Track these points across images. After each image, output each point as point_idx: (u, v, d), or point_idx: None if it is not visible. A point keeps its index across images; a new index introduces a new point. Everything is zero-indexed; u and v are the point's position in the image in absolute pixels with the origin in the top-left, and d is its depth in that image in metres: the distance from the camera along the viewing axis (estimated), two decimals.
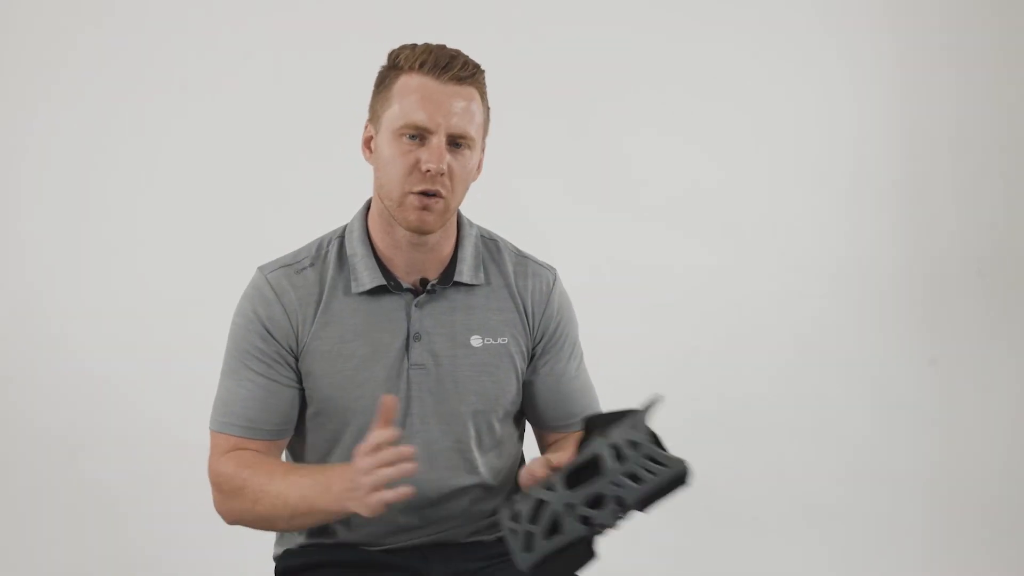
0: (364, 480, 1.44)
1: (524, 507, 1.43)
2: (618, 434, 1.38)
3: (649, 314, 3.21)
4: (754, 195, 3.28)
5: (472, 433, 1.69)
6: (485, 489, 1.72)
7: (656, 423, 1.46)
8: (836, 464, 3.23)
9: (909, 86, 3.32)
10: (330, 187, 2.62)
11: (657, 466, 1.36)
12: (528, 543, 1.41)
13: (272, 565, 1.77)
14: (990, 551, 3.13)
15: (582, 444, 1.45)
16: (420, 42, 1.64)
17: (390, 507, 1.47)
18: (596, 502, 1.38)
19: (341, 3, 3.11)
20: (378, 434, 1.44)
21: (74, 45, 3.07)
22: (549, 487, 1.42)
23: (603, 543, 1.43)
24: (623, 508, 1.36)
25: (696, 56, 3.25)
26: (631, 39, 3.22)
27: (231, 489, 1.63)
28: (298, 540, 1.74)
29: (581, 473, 1.40)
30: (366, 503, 1.45)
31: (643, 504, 1.36)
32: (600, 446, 1.39)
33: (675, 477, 1.35)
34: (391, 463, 1.43)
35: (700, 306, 3.24)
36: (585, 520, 1.38)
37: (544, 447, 1.81)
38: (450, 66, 1.59)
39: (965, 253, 3.33)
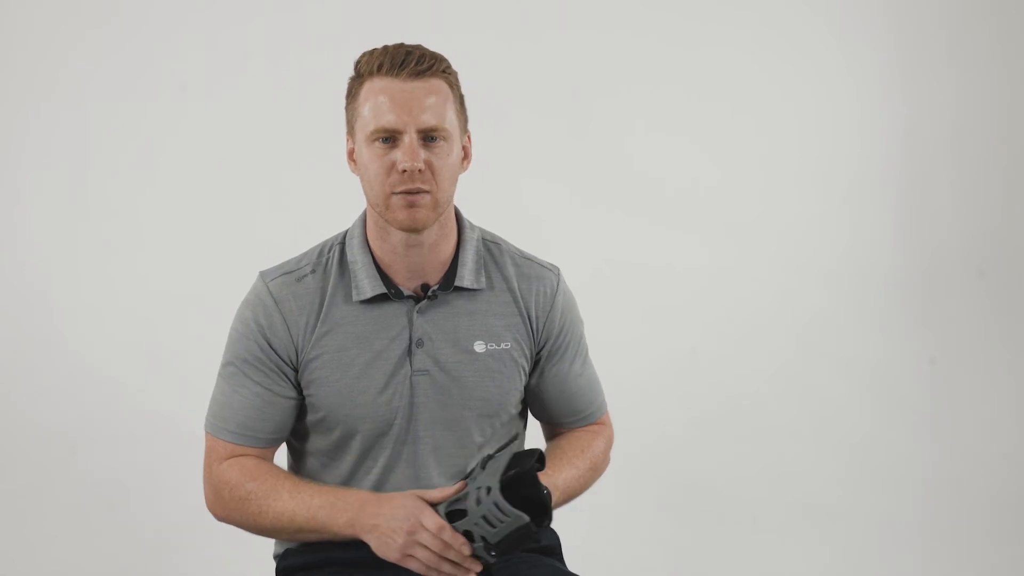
0: (415, 551, 1.50)
1: None
2: (482, 479, 1.49)
3: (649, 314, 3.21)
4: (755, 195, 3.28)
5: (477, 438, 1.69)
6: None
7: (656, 423, 1.46)
8: (836, 464, 3.23)
9: (909, 86, 3.32)
10: (329, 187, 2.61)
11: (503, 516, 1.46)
12: None
13: (273, 563, 1.78)
14: (990, 551, 3.13)
15: (467, 478, 1.55)
16: (387, 45, 1.63)
17: None
18: (468, 537, 1.50)
19: (340, 4, 3.11)
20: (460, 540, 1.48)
21: (74, 45, 3.07)
22: None
23: (602, 542, 1.43)
24: (488, 546, 1.48)
25: (696, 56, 3.25)
26: (631, 40, 3.22)
27: (233, 498, 1.64)
28: None
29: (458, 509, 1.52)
30: (388, 554, 1.52)
31: (499, 547, 1.47)
32: (468, 490, 1.51)
33: (517, 529, 1.45)
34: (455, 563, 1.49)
35: (700, 306, 3.24)
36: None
37: (551, 438, 1.83)
38: (407, 62, 1.58)
39: (965, 253, 3.33)
